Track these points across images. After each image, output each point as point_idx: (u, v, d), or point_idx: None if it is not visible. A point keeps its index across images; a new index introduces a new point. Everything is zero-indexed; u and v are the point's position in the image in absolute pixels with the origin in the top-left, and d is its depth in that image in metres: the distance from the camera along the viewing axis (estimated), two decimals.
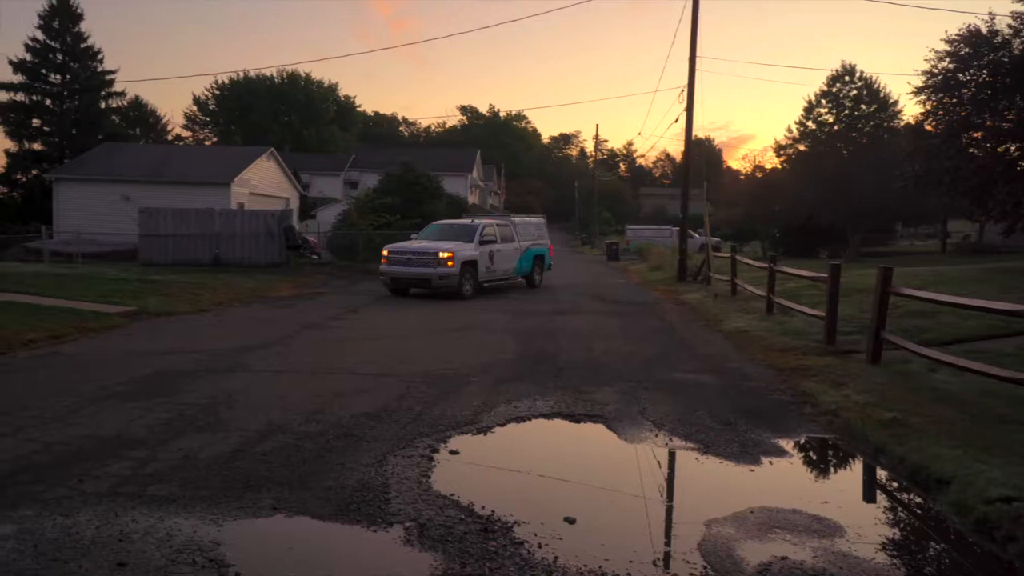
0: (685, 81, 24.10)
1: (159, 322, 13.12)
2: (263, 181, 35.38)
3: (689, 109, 24.05)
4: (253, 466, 5.32)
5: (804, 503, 4.93)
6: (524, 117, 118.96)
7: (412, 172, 32.20)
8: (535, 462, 5.82)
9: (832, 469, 6.27)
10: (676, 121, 26.07)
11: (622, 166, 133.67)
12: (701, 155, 46.90)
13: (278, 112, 74.22)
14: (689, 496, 5.23)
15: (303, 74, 77.37)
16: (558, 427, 6.88)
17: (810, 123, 43.73)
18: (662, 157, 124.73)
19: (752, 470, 5.63)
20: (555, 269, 25.26)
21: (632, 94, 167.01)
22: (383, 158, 50.59)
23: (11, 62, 46.30)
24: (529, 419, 6.96)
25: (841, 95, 42.61)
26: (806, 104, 43.64)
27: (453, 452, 5.84)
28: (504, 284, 20.27)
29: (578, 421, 6.96)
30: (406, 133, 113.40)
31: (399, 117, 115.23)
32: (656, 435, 6.45)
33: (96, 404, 7.02)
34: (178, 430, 6.20)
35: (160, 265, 23.90)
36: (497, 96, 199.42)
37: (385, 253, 18.42)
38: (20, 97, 46.84)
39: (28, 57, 46.64)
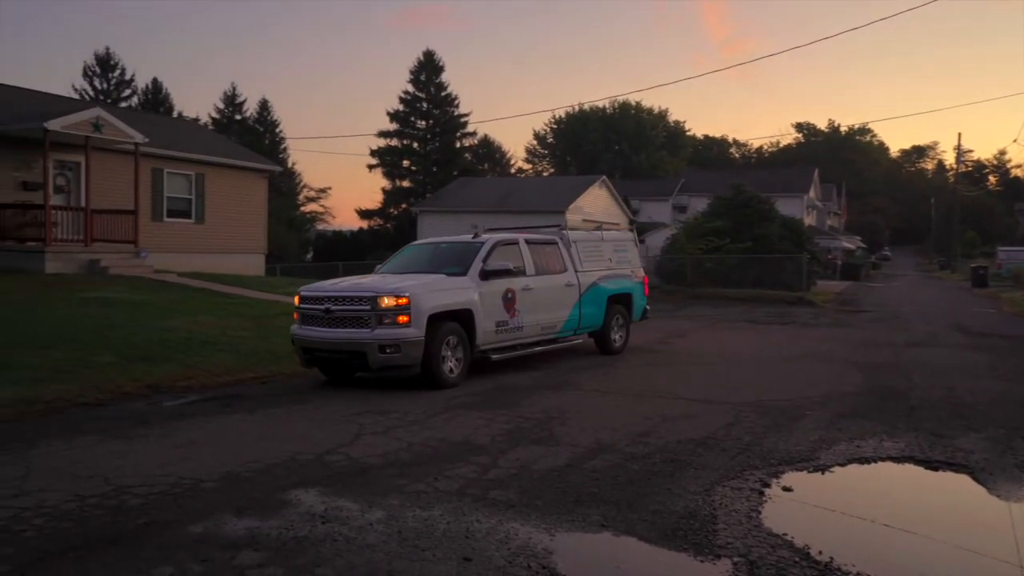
0: None
1: None
2: (595, 208, 37.12)
3: None
4: (582, 482, 5.51)
5: None
6: (868, 130, 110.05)
7: (742, 194, 31.35)
8: (881, 509, 5.23)
9: None
10: None
11: (991, 178, 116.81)
12: None
13: (610, 141, 77.12)
14: None
15: (633, 103, 79.70)
16: (909, 473, 6.13)
17: None
18: None
19: None
20: (906, 297, 22.24)
21: (1004, 95, 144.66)
22: (712, 181, 50.12)
23: (388, 113, 55.00)
24: (874, 461, 6.30)
25: None
26: None
27: (786, 488, 5.49)
28: (540, 351, 11.14)
29: (935, 468, 6.13)
30: (736, 155, 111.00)
31: (729, 139, 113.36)
32: None
33: (448, 412, 7.84)
34: (515, 440, 6.66)
35: None
36: (837, 110, 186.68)
37: (296, 301, 9.89)
38: (394, 142, 55.18)
39: (401, 108, 54.77)
